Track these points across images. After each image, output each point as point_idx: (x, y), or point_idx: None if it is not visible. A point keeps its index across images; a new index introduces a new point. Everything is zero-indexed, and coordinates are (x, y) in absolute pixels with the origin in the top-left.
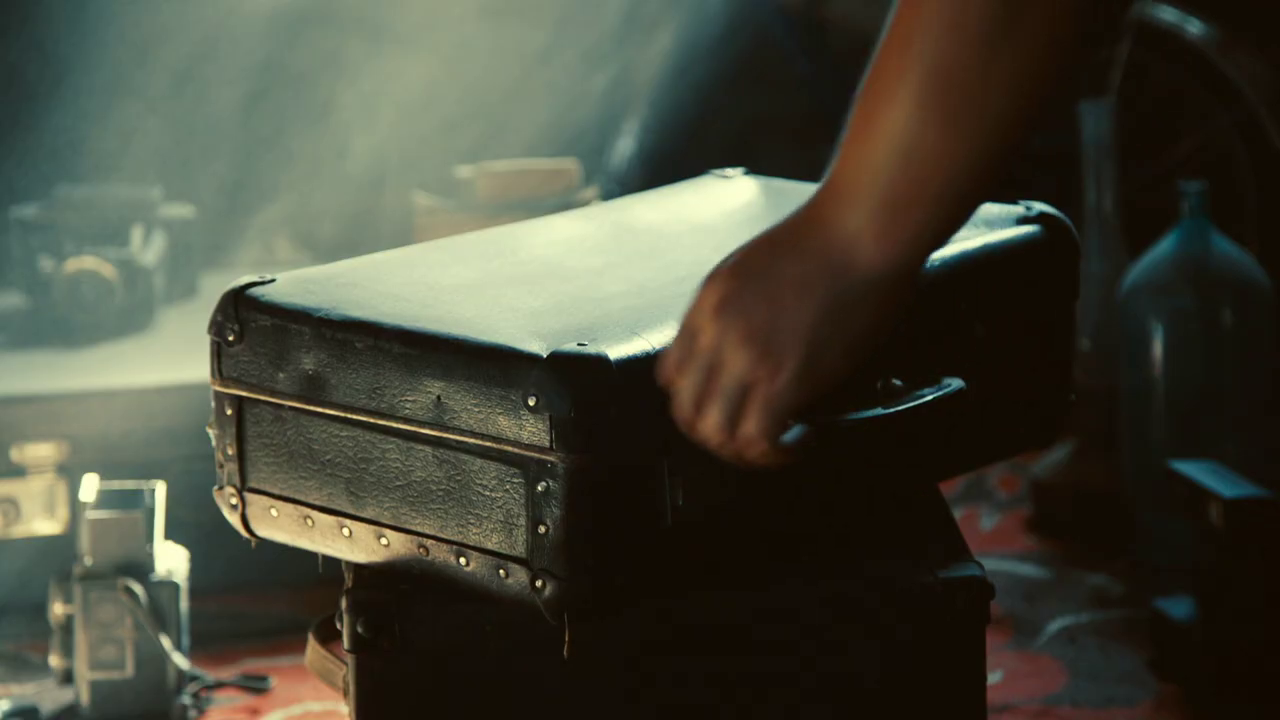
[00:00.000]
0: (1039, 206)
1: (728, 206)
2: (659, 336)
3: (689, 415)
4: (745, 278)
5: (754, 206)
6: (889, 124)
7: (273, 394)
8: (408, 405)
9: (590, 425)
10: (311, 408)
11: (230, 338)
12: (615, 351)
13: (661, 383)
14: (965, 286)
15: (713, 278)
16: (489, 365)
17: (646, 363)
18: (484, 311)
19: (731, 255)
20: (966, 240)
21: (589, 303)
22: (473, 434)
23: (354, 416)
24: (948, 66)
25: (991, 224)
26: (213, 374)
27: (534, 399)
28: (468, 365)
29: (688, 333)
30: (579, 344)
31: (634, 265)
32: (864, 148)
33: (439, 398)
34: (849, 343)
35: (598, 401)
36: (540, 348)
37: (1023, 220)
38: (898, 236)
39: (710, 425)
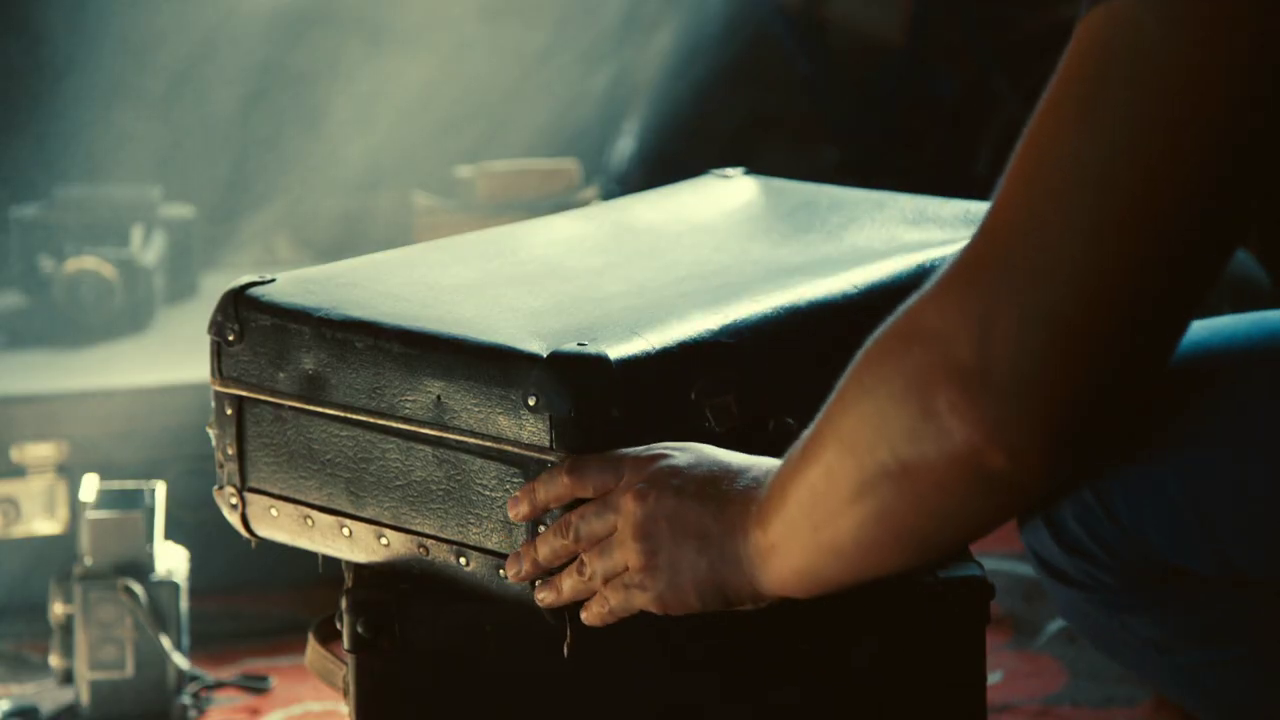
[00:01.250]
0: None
1: (728, 206)
2: (659, 336)
3: (555, 549)
4: (680, 497)
5: (754, 206)
6: (803, 508)
7: (273, 393)
8: (408, 405)
9: (590, 425)
10: (311, 407)
11: (230, 337)
12: (615, 351)
13: (556, 498)
14: None
15: (659, 478)
16: (489, 365)
17: (647, 363)
18: (484, 311)
19: (684, 455)
20: (922, 251)
21: (589, 303)
22: (473, 434)
23: (354, 416)
24: (827, 509)
25: (946, 224)
26: (213, 374)
27: (534, 399)
28: (467, 365)
29: (620, 457)
30: (579, 344)
31: (634, 265)
32: (785, 505)
33: (439, 397)
34: (706, 600)
35: (598, 401)
36: (540, 348)
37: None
38: (783, 586)
39: (571, 567)
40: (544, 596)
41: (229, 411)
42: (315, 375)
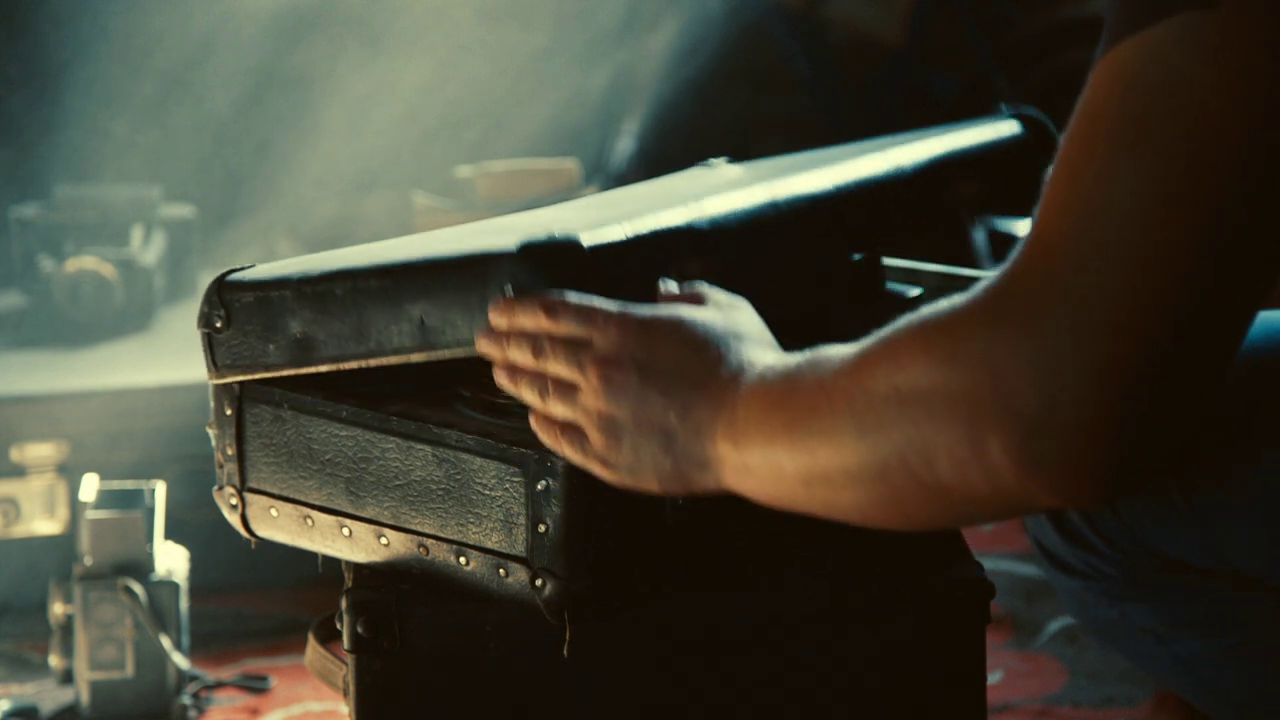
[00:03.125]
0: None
1: (712, 180)
2: (634, 226)
3: (528, 356)
4: (645, 387)
5: (737, 173)
6: (779, 445)
7: (267, 368)
8: (394, 337)
9: None
10: (305, 370)
11: (218, 324)
12: (588, 238)
13: (542, 310)
14: (952, 173)
15: (627, 353)
16: (464, 273)
17: (621, 249)
18: (460, 244)
19: (661, 334)
20: (952, 137)
21: (564, 221)
22: (459, 344)
23: (358, 416)
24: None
25: (973, 124)
26: (208, 367)
27: (510, 290)
28: (444, 278)
29: (593, 316)
30: (550, 233)
31: (612, 203)
32: (773, 449)
33: (422, 320)
34: (667, 489)
35: (573, 285)
36: (513, 244)
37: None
38: (750, 496)
39: (536, 377)
40: (500, 379)
41: (229, 411)
42: (303, 337)
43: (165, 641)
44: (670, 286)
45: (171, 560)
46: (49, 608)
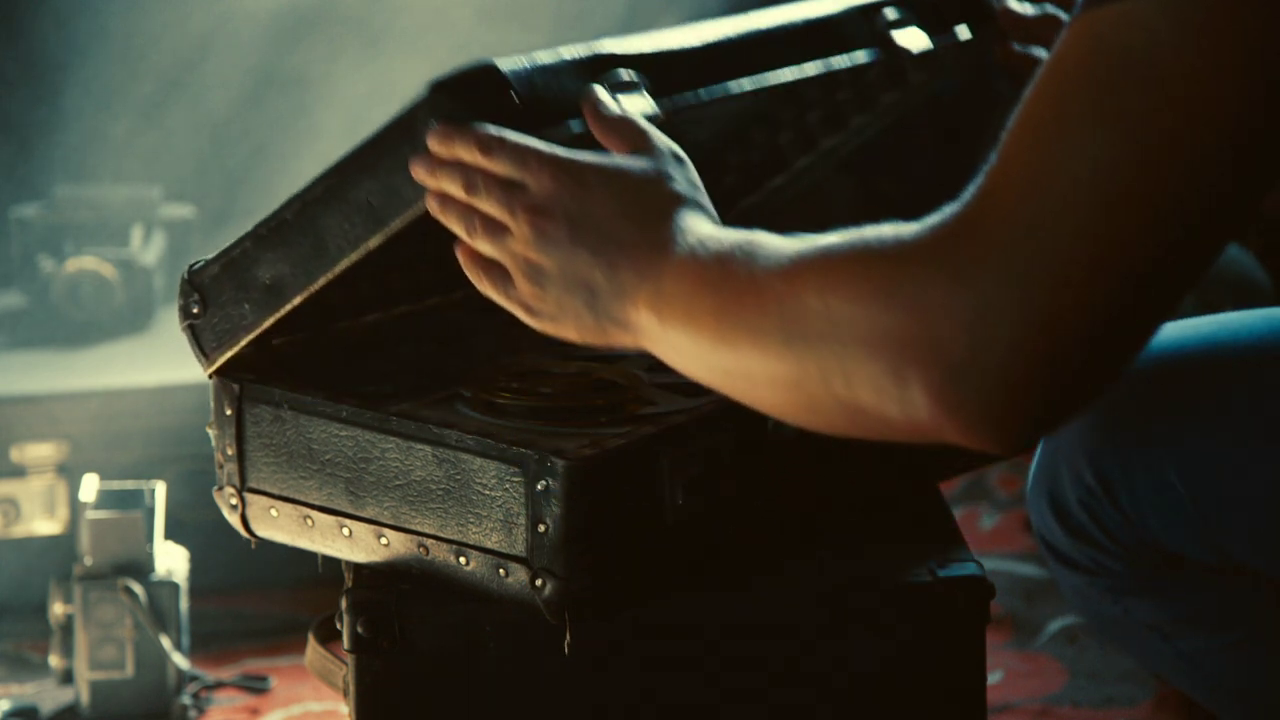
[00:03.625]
0: None
1: None
2: (557, 54)
3: (460, 183)
4: (574, 242)
5: None
6: (704, 328)
7: (249, 329)
8: (350, 232)
9: None
10: (283, 311)
11: (195, 310)
12: (505, 64)
13: (477, 143)
14: None
15: (560, 203)
16: (394, 135)
17: (542, 73)
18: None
19: (592, 194)
20: None
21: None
22: (408, 207)
23: (358, 416)
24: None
25: None
26: (199, 360)
27: (432, 126)
28: (377, 149)
29: (528, 159)
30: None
31: None
32: (698, 333)
33: (368, 202)
34: (587, 340)
35: (496, 113)
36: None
37: None
38: (672, 366)
39: (468, 208)
40: (430, 205)
41: (229, 411)
42: (272, 280)
43: (165, 641)
44: (606, 99)
45: (171, 560)
46: (49, 608)
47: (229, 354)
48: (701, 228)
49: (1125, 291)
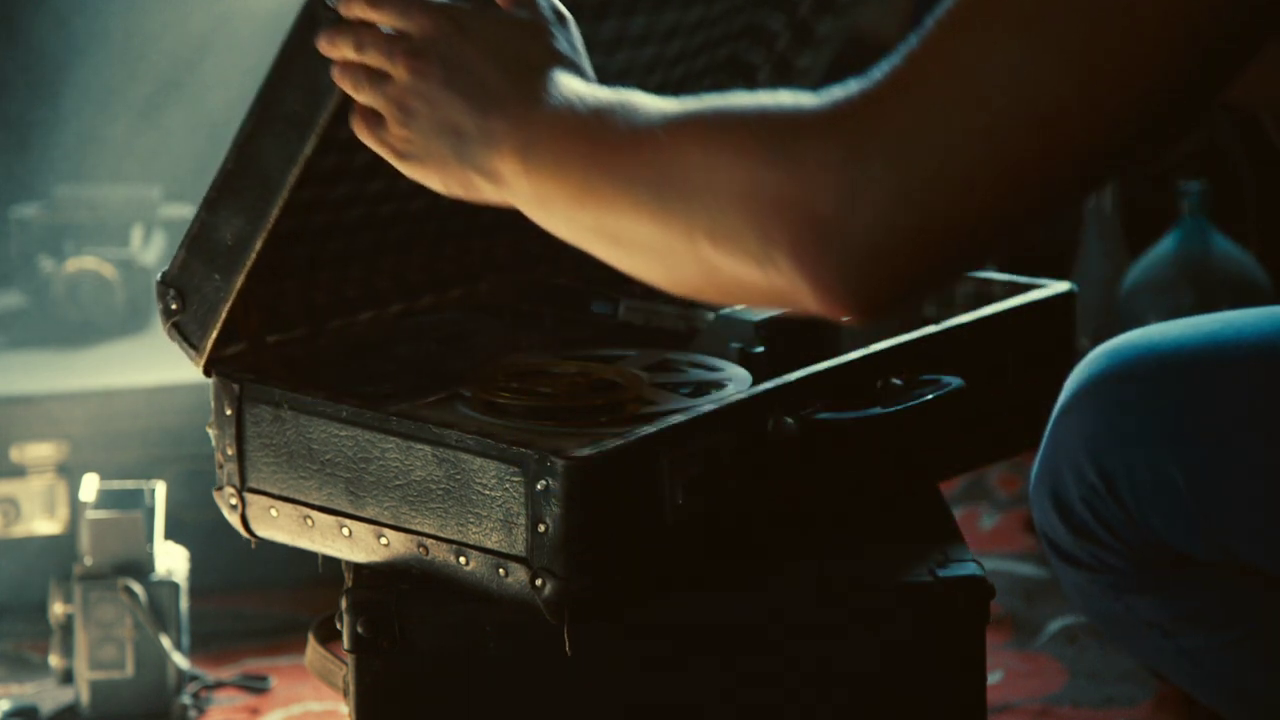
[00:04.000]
0: None
1: None
2: None
3: (350, 40)
4: (448, 66)
5: None
6: (573, 164)
7: (224, 299)
8: (286, 149)
9: None
10: (247, 261)
11: (175, 306)
12: None
13: None
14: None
15: (439, 46)
16: (299, 32)
17: None
18: None
19: (472, 42)
20: None
21: None
22: (327, 95)
23: (358, 416)
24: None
25: None
26: (190, 356)
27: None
28: (287, 54)
29: (410, 8)
30: None
31: None
32: (565, 184)
33: (294, 110)
34: (449, 188)
35: None
36: None
37: None
38: (533, 218)
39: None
40: (335, 76)
41: (229, 411)
42: (234, 239)
43: (165, 641)
44: None
45: (171, 560)
46: (49, 608)
47: (214, 334)
48: (579, 85)
49: (1007, 198)
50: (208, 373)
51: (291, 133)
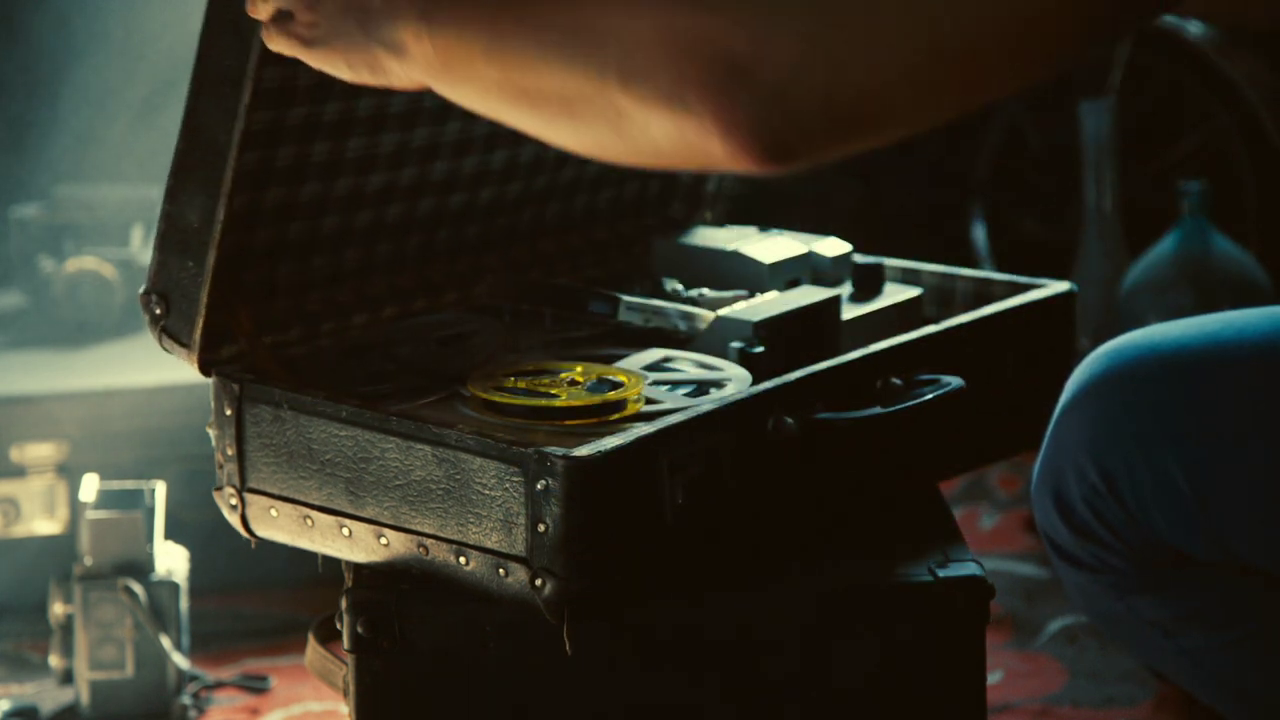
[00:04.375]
0: None
1: None
2: None
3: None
4: None
5: None
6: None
7: (200, 281)
8: (226, 107)
9: None
10: (214, 231)
11: (159, 311)
12: None
13: None
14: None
15: None
16: None
17: None
18: None
19: None
20: None
21: None
22: (251, 30)
23: (358, 416)
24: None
25: None
26: (186, 357)
27: None
28: (211, 16)
29: None
30: None
31: None
32: (469, 48)
33: (227, 66)
34: (358, 73)
35: None
36: None
37: None
38: (437, 88)
39: None
40: (249, 6)
41: (229, 411)
42: (198, 220)
43: (165, 641)
44: None
45: (171, 560)
46: (49, 608)
47: (200, 324)
48: None
49: (923, 64)
50: (206, 372)
51: (228, 89)
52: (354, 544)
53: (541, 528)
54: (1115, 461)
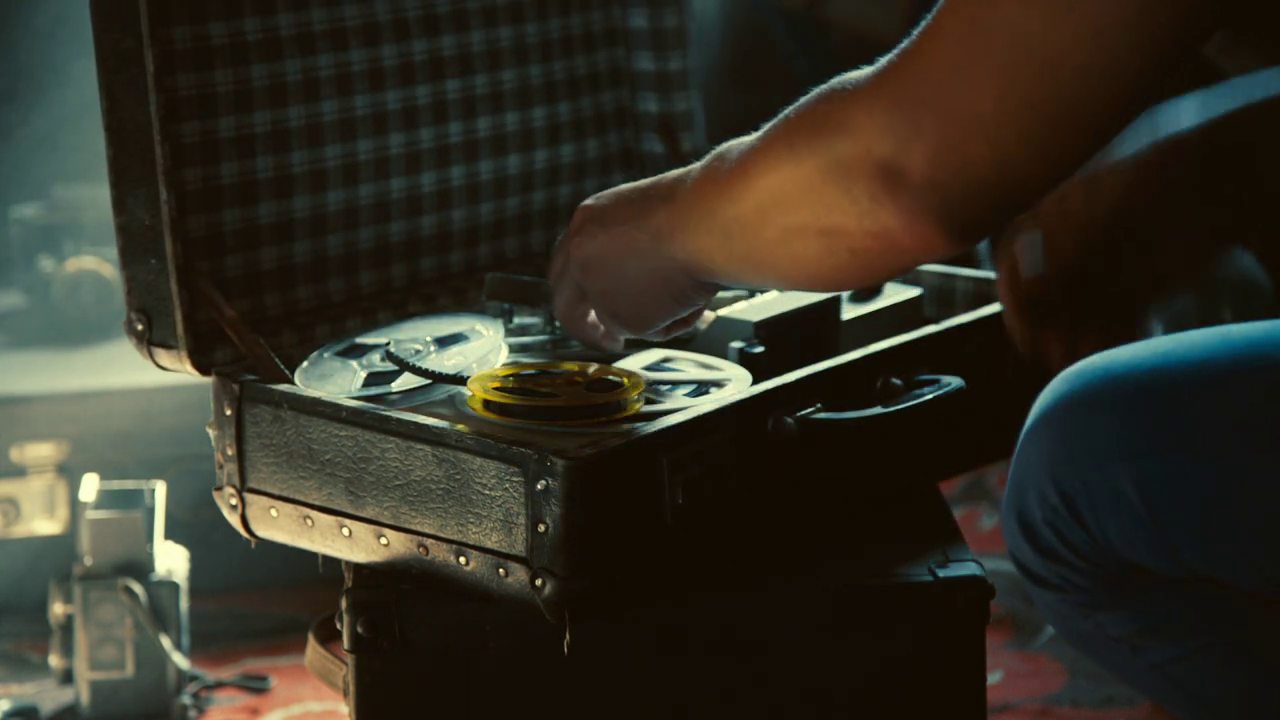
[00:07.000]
0: None
1: None
2: None
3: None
4: (599, 220)
5: None
6: (717, 221)
7: (167, 275)
8: (132, 81)
9: None
10: (168, 220)
11: (141, 326)
12: None
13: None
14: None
15: (584, 225)
16: None
17: None
18: None
19: (602, 196)
20: None
21: None
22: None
23: (358, 416)
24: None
25: None
26: (176, 360)
27: None
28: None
29: (560, 246)
30: None
31: None
32: (711, 230)
33: (116, 45)
34: (660, 303)
35: None
36: None
37: None
38: (714, 278)
39: (559, 310)
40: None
41: (229, 411)
42: (148, 216)
43: (165, 641)
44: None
45: (171, 560)
46: (49, 608)
47: (180, 319)
48: (685, 170)
49: (1033, 134)
50: (204, 372)
51: (134, 68)
52: (354, 544)
53: (541, 528)
54: (1073, 482)
